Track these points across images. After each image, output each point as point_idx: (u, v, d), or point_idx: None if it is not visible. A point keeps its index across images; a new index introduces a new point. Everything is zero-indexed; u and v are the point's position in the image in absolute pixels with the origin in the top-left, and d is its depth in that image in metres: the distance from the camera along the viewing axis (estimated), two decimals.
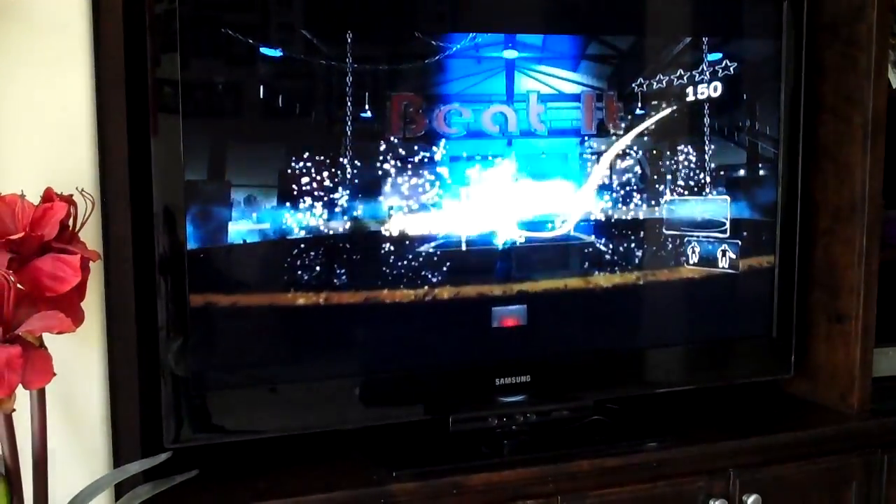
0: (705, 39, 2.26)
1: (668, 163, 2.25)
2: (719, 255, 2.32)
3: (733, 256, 2.33)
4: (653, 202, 2.25)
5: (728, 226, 2.31)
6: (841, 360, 2.40)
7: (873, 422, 2.37)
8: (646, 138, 2.22)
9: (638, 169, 2.23)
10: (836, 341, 2.41)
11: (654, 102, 2.22)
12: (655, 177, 2.24)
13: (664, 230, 2.27)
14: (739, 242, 2.33)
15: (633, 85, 2.20)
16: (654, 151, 2.23)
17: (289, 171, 1.94)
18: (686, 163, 2.27)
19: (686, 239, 2.29)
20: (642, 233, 2.24)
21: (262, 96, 1.92)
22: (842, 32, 2.33)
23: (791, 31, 2.32)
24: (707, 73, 2.26)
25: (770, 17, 2.31)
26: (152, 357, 1.88)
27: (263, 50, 1.90)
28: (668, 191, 2.26)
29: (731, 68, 2.27)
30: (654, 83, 2.21)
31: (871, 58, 2.29)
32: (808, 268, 2.43)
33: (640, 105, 2.21)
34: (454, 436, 2.10)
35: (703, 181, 2.29)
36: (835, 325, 2.41)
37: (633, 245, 2.24)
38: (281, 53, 1.92)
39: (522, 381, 2.17)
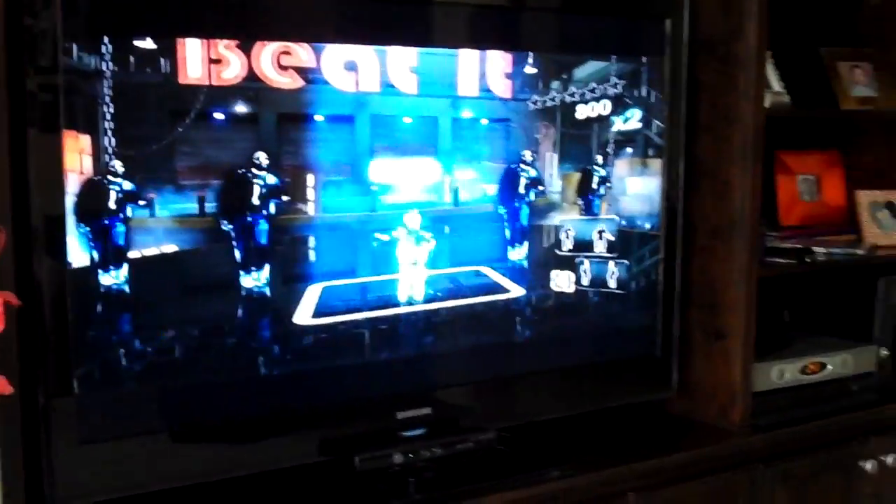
0: (591, 57, 2.21)
1: (553, 182, 2.19)
2: (607, 276, 2.29)
3: (620, 277, 2.29)
4: (541, 223, 2.18)
5: (614, 246, 2.28)
6: (721, 377, 2.41)
7: (755, 437, 2.39)
8: (532, 157, 2.15)
9: (523, 189, 2.16)
10: (715, 358, 2.42)
11: (540, 121, 2.16)
12: (541, 197, 2.18)
13: (553, 252, 2.21)
14: (627, 262, 2.29)
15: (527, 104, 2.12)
16: (537, 170, 2.17)
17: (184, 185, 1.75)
18: (571, 183, 2.22)
19: (576, 260, 2.24)
20: (531, 255, 2.18)
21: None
22: (719, 51, 2.34)
23: (672, 49, 2.30)
24: (595, 92, 2.21)
25: (652, 36, 2.29)
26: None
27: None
28: (554, 212, 2.20)
29: (618, 86, 2.24)
30: (540, 102, 2.14)
31: (749, 77, 2.31)
32: (685, 286, 2.43)
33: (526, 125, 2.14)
34: (359, 475, 1.95)
35: (588, 201, 2.24)
36: (714, 342, 2.42)
37: (523, 268, 2.17)
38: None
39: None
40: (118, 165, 1.66)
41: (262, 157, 1.79)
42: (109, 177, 1.67)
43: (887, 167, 2.82)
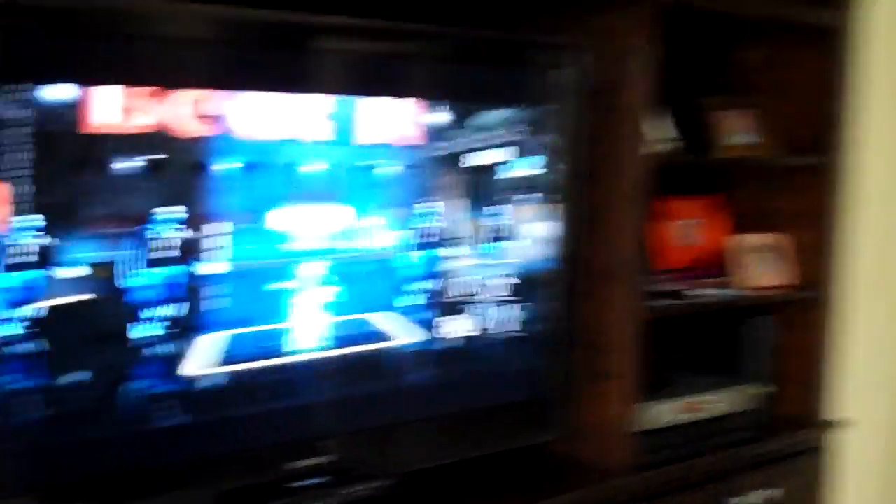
0: (488, 106, 2.22)
1: (451, 228, 2.19)
2: (500, 320, 2.30)
3: (512, 321, 2.31)
4: (436, 269, 2.19)
5: (506, 290, 2.29)
6: (606, 418, 2.46)
7: (637, 477, 2.44)
8: (432, 203, 2.15)
9: (423, 233, 2.16)
10: (601, 399, 2.46)
11: (440, 168, 2.16)
12: (438, 244, 2.18)
13: (447, 298, 2.21)
14: (519, 306, 2.31)
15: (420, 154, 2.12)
16: (436, 216, 2.17)
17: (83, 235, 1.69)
18: (467, 228, 2.23)
19: (468, 305, 2.25)
20: (425, 301, 2.17)
21: None
22: (604, 98, 2.38)
23: (566, 97, 2.33)
24: (494, 139, 2.22)
25: (547, 85, 2.31)
26: None
27: None
28: (449, 258, 2.20)
29: (516, 133, 2.26)
30: (440, 149, 2.14)
31: (634, 125, 2.37)
32: (572, 328, 2.45)
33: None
34: None
35: (482, 246, 2.25)
36: (600, 383, 2.46)
37: (417, 314, 2.17)
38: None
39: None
40: (16, 214, 1.59)
41: (162, 206, 1.74)
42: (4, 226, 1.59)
43: (765, 212, 2.93)
